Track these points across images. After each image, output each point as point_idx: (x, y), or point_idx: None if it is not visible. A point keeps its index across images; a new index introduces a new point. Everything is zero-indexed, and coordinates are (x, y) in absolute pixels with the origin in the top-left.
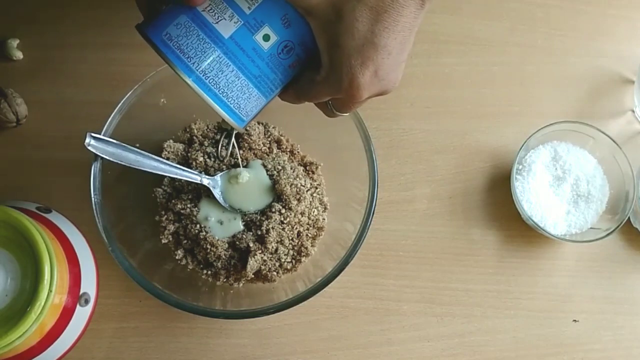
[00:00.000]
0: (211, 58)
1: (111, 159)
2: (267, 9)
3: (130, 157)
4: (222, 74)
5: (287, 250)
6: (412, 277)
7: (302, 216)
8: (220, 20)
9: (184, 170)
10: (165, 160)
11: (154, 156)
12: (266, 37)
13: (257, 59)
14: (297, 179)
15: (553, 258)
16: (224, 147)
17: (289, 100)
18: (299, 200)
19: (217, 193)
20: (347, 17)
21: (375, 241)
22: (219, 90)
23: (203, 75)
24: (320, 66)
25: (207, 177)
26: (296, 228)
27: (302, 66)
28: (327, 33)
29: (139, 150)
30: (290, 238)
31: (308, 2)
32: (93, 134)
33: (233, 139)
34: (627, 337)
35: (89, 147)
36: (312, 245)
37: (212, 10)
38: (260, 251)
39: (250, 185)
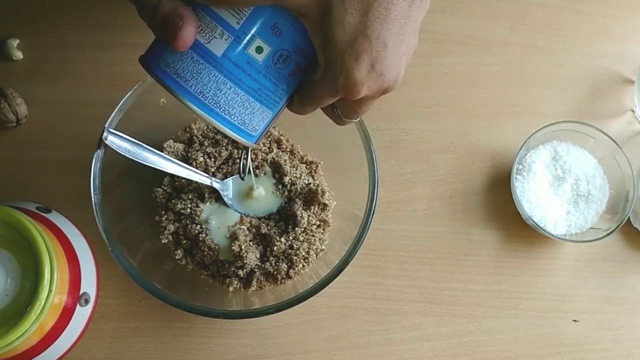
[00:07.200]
0: (207, 78)
1: (127, 155)
2: (255, 21)
3: (143, 155)
4: (220, 92)
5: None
6: (412, 277)
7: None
8: (212, 39)
9: (195, 171)
10: (176, 161)
11: (166, 155)
12: (259, 49)
13: (253, 72)
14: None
15: (553, 258)
16: (243, 162)
17: (296, 110)
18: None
19: (226, 197)
20: (335, 11)
21: (375, 241)
22: (220, 109)
23: (202, 96)
24: (318, 67)
25: (217, 180)
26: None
27: (304, 73)
28: (321, 31)
29: (150, 148)
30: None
31: (297, 2)
32: (111, 130)
33: (250, 154)
34: (627, 337)
35: (107, 142)
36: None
37: (202, 31)
38: (260, 271)
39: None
